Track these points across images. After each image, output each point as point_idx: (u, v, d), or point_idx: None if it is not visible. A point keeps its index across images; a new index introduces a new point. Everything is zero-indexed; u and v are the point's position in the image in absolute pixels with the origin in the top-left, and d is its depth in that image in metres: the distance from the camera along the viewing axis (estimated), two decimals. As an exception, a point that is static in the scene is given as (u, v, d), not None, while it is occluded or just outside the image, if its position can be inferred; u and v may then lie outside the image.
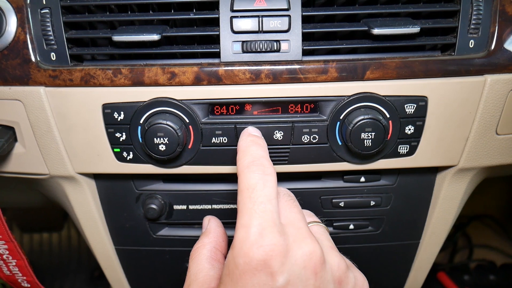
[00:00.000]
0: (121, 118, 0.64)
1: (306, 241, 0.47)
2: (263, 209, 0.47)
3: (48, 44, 0.64)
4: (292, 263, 0.46)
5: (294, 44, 0.63)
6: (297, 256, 0.46)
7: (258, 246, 0.45)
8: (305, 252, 0.46)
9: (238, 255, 0.46)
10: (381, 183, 0.73)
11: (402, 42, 0.63)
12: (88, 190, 0.72)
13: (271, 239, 0.45)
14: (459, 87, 0.63)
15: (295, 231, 0.48)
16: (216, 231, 0.61)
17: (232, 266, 0.46)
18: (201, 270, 0.55)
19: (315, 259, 0.47)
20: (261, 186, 0.49)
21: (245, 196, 0.49)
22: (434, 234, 0.76)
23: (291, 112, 0.65)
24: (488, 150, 0.67)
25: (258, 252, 0.45)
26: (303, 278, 0.46)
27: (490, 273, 1.38)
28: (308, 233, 0.49)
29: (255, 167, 0.51)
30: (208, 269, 0.55)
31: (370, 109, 0.63)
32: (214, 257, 0.57)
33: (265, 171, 0.50)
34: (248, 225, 0.46)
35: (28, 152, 0.68)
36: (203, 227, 0.62)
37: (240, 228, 0.47)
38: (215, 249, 0.58)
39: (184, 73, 0.63)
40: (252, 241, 0.45)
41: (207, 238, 0.59)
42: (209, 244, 0.58)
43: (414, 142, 0.66)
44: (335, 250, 0.52)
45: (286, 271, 0.45)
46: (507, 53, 0.63)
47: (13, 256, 0.73)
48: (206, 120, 0.64)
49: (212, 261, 0.56)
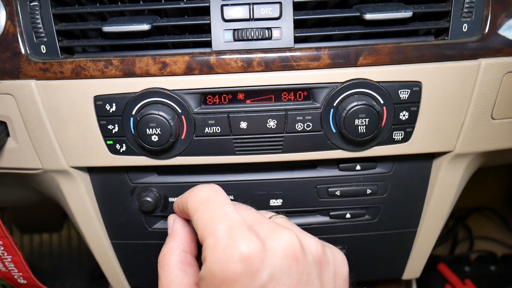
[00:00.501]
0: (113, 110, 0.64)
1: (278, 231, 0.46)
2: (225, 213, 0.46)
3: (38, 37, 0.64)
4: (272, 256, 0.44)
5: (285, 31, 0.62)
6: (274, 248, 0.44)
7: (232, 249, 0.43)
8: (282, 242, 0.45)
9: (212, 265, 0.43)
10: (377, 171, 0.72)
11: (395, 27, 0.63)
12: (82, 184, 0.72)
13: (243, 237, 0.43)
14: (453, 71, 0.63)
15: (263, 226, 0.47)
16: (183, 231, 0.56)
17: (209, 278, 0.44)
18: (173, 280, 0.52)
19: (293, 246, 0.45)
20: (214, 196, 0.48)
21: (202, 210, 0.47)
22: (431, 222, 0.75)
23: (284, 100, 0.64)
24: (484, 135, 0.67)
25: (233, 255, 0.42)
26: (285, 268, 0.44)
27: (490, 264, 1.38)
28: (277, 224, 0.48)
29: (200, 187, 0.50)
30: (181, 277, 0.52)
31: (363, 95, 0.62)
32: (184, 261, 0.53)
33: (212, 186, 0.50)
34: (215, 231, 0.44)
35: (20, 146, 0.68)
36: (168, 228, 0.58)
37: (207, 237, 0.45)
38: (185, 252, 0.54)
39: (176, 62, 0.62)
40: (224, 245, 0.43)
41: (174, 241, 0.55)
42: (176, 248, 0.54)
43: (409, 128, 0.65)
44: (307, 233, 0.50)
45: (268, 266, 0.43)
46: (500, 36, 0.63)
47: (8, 252, 0.73)
48: (198, 110, 0.64)
49: (183, 266, 0.53)
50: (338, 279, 0.50)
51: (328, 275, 0.49)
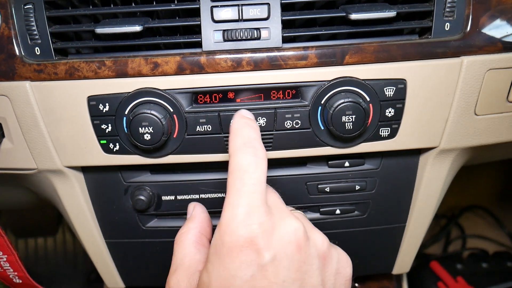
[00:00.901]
0: (106, 110, 0.65)
1: (290, 219, 0.49)
2: (253, 190, 0.48)
3: (32, 39, 0.65)
4: (278, 240, 0.47)
5: (274, 31, 0.64)
6: (282, 233, 0.48)
7: (245, 225, 0.46)
8: (290, 229, 0.48)
9: (225, 233, 0.47)
10: (365, 167, 0.74)
11: (380, 26, 0.64)
12: (76, 183, 0.73)
13: (258, 218, 0.47)
14: (437, 69, 0.65)
15: (279, 212, 0.50)
16: (201, 216, 0.61)
17: (219, 244, 0.47)
18: (187, 255, 0.56)
19: (299, 234, 0.48)
20: (253, 169, 0.50)
21: (236, 177, 0.49)
22: (419, 217, 0.77)
23: (273, 99, 0.66)
24: (468, 131, 0.69)
25: (245, 230, 0.46)
26: (288, 253, 0.47)
27: (482, 261, 1.39)
28: (291, 213, 0.51)
29: (247, 149, 0.51)
30: (194, 253, 0.56)
31: (350, 93, 0.64)
32: (199, 241, 0.58)
33: (257, 154, 0.51)
34: (236, 205, 0.47)
35: (15, 147, 0.69)
36: (188, 214, 0.63)
37: (227, 207, 0.48)
38: (200, 234, 0.59)
39: (167, 63, 0.64)
40: (240, 220, 0.47)
41: (192, 223, 0.60)
42: (194, 229, 0.59)
43: (395, 125, 0.67)
44: (318, 230, 0.53)
45: (272, 248, 0.46)
46: (482, 34, 0.65)
47: (3, 251, 0.74)
48: (190, 109, 0.65)
49: (197, 245, 0.57)
50: (340, 277, 0.53)
51: (330, 272, 0.52)
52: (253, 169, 0.50)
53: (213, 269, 0.47)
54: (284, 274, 0.46)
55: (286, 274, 0.46)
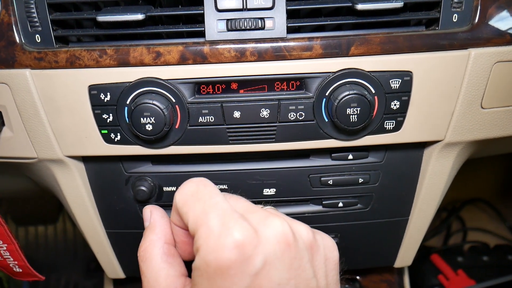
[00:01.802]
0: (108, 99, 0.64)
1: (270, 219, 0.46)
2: (215, 202, 0.46)
3: (33, 26, 0.64)
4: (265, 243, 0.44)
5: (278, 21, 0.63)
6: (267, 235, 0.45)
7: (225, 236, 0.43)
8: (274, 228, 0.46)
9: (206, 254, 0.43)
10: (369, 160, 0.73)
11: (386, 17, 0.63)
12: (77, 173, 0.72)
13: (235, 225, 0.44)
14: (444, 61, 0.64)
15: (254, 214, 0.47)
16: (162, 223, 0.55)
17: (203, 266, 0.44)
18: (159, 273, 0.51)
19: (286, 232, 0.46)
20: (203, 187, 0.48)
21: (192, 202, 0.47)
22: (422, 211, 0.76)
23: (277, 90, 0.65)
24: (474, 124, 0.68)
25: (227, 243, 0.43)
26: (278, 254, 0.45)
27: (483, 254, 1.39)
28: (268, 212, 0.48)
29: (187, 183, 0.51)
30: (167, 269, 0.51)
31: (355, 85, 0.63)
32: (168, 253, 0.52)
33: (199, 179, 0.50)
34: (207, 221, 0.44)
35: (15, 136, 0.68)
36: (145, 220, 0.57)
37: (199, 228, 0.45)
38: (167, 244, 0.53)
39: (169, 52, 0.63)
40: (217, 233, 0.43)
41: (154, 234, 0.54)
42: (158, 241, 0.53)
43: (400, 118, 0.66)
44: (296, 221, 0.51)
45: (261, 252, 0.44)
46: (490, 26, 0.64)
47: (3, 240, 0.73)
48: (192, 100, 0.64)
49: (168, 258, 0.52)
50: (329, 263, 0.51)
51: (319, 260, 0.50)
52: (203, 188, 0.48)
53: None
54: (278, 276, 0.44)
55: (280, 275, 0.45)
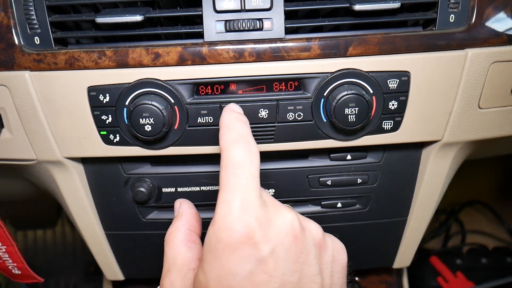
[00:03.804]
0: (107, 100, 0.65)
1: (284, 210, 0.49)
2: (247, 185, 0.47)
3: (32, 28, 0.64)
4: (274, 232, 0.46)
5: (276, 22, 0.63)
6: (278, 225, 0.47)
7: (241, 219, 0.45)
8: (285, 220, 0.47)
9: (220, 230, 0.45)
10: (368, 161, 0.73)
11: (384, 18, 0.64)
12: (76, 175, 0.72)
13: (254, 212, 0.46)
14: (441, 61, 0.64)
15: (273, 205, 0.49)
16: (188, 213, 0.60)
17: (214, 241, 0.46)
18: (178, 254, 0.55)
19: (294, 225, 0.47)
20: (248, 164, 0.49)
21: (230, 172, 0.48)
22: (421, 211, 0.77)
23: (276, 90, 0.65)
24: (471, 124, 0.68)
25: (241, 225, 0.45)
26: (286, 245, 0.46)
27: (482, 257, 1.39)
28: (284, 206, 0.50)
29: (241, 143, 0.50)
30: (185, 252, 0.55)
31: (353, 85, 0.63)
32: (189, 239, 0.57)
33: (250, 149, 0.50)
34: (231, 200, 0.46)
35: (15, 137, 0.68)
36: (174, 211, 0.62)
37: (222, 203, 0.47)
38: (189, 231, 0.58)
39: (168, 53, 0.63)
40: (235, 215, 0.45)
41: (180, 221, 0.59)
42: (182, 226, 0.58)
43: (398, 118, 0.66)
44: (310, 220, 0.53)
45: (270, 241, 0.45)
46: (487, 26, 0.64)
47: (2, 242, 0.73)
48: (191, 100, 0.65)
49: (188, 243, 0.56)
50: (336, 265, 0.52)
51: (327, 259, 0.51)
52: (247, 163, 0.49)
53: (210, 268, 0.46)
54: (283, 267, 0.46)
55: (285, 267, 0.46)
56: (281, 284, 0.45)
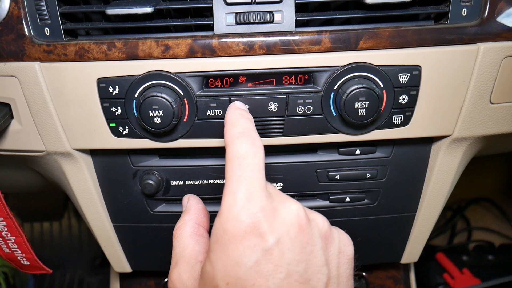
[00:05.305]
0: (116, 92, 0.64)
1: (290, 201, 0.49)
2: (252, 176, 0.48)
3: (42, 19, 0.64)
4: (280, 222, 0.47)
5: (287, 15, 0.63)
6: (284, 215, 0.47)
7: (247, 210, 0.46)
8: (291, 210, 0.48)
9: (226, 221, 0.46)
10: (377, 155, 0.73)
11: (395, 11, 0.63)
12: (85, 167, 0.73)
13: (259, 202, 0.47)
14: (453, 55, 0.63)
15: (278, 196, 0.50)
16: (196, 207, 0.61)
17: (220, 232, 0.47)
18: (186, 247, 0.56)
19: (300, 216, 0.48)
20: (252, 156, 0.50)
21: (235, 165, 0.49)
22: (429, 206, 0.76)
23: (285, 84, 0.65)
24: (482, 119, 0.68)
25: (246, 215, 0.46)
26: (292, 235, 0.47)
27: (488, 254, 1.39)
28: (289, 197, 0.51)
29: (245, 137, 0.52)
30: (194, 245, 0.56)
31: (364, 79, 0.63)
32: (197, 232, 0.58)
33: (254, 143, 0.51)
34: (236, 191, 0.47)
35: (24, 128, 0.69)
36: (183, 206, 0.63)
37: (227, 195, 0.48)
38: (197, 225, 0.59)
39: (178, 45, 0.63)
40: (240, 206, 0.46)
41: (188, 215, 0.60)
42: (190, 220, 0.59)
43: (409, 112, 0.66)
44: (316, 212, 0.53)
45: (276, 231, 0.46)
46: (499, 21, 0.63)
47: (11, 233, 0.74)
48: (200, 93, 0.65)
49: (196, 236, 0.57)
50: (343, 256, 0.52)
51: (333, 251, 0.51)
52: (251, 156, 0.50)
53: (216, 259, 0.46)
54: (289, 257, 0.46)
55: (291, 256, 0.46)
56: (286, 274, 0.45)
